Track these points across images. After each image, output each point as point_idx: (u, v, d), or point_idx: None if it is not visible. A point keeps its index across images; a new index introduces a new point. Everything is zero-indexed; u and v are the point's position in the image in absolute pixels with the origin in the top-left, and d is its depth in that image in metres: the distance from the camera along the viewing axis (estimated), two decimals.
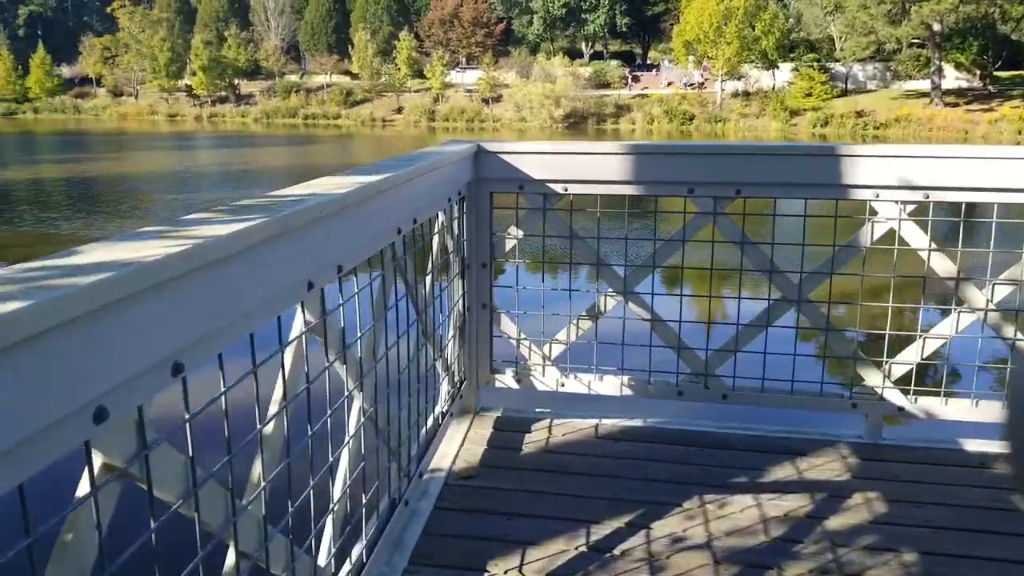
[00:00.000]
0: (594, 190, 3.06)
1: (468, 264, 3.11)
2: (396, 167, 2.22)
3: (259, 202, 1.57)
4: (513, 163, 3.04)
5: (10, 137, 50.01)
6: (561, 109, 54.11)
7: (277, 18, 78.51)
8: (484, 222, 3.13)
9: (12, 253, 13.86)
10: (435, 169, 2.53)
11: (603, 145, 3.15)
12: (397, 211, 2.22)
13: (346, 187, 1.80)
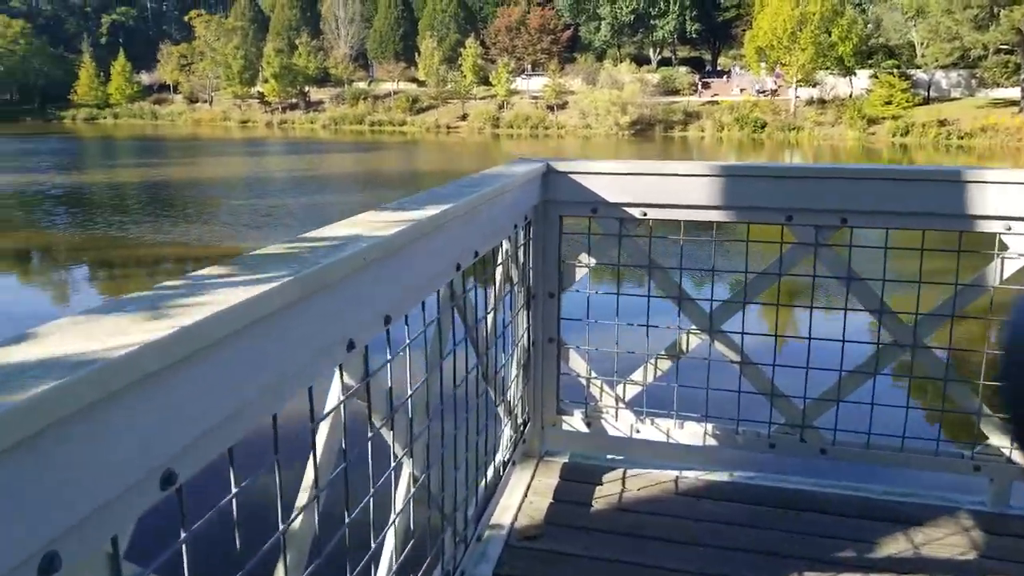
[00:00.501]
0: (677, 215, 2.79)
1: (534, 294, 2.86)
2: (457, 195, 1.98)
3: (291, 249, 1.32)
4: (586, 184, 2.79)
5: (91, 142, 51.81)
6: (627, 116, 53.48)
7: (347, 26, 79.76)
8: (552, 248, 2.87)
9: (82, 256, 14.08)
10: (500, 194, 2.29)
11: (688, 165, 2.83)
12: (456, 245, 1.98)
13: (398, 223, 1.57)
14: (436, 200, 1.87)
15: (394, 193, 22.56)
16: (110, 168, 32.18)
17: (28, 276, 13.18)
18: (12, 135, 55.89)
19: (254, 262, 1.22)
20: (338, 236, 1.43)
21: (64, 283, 12.51)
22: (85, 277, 12.95)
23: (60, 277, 13.02)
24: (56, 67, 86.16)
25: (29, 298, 11.51)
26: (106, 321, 0.91)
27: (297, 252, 1.29)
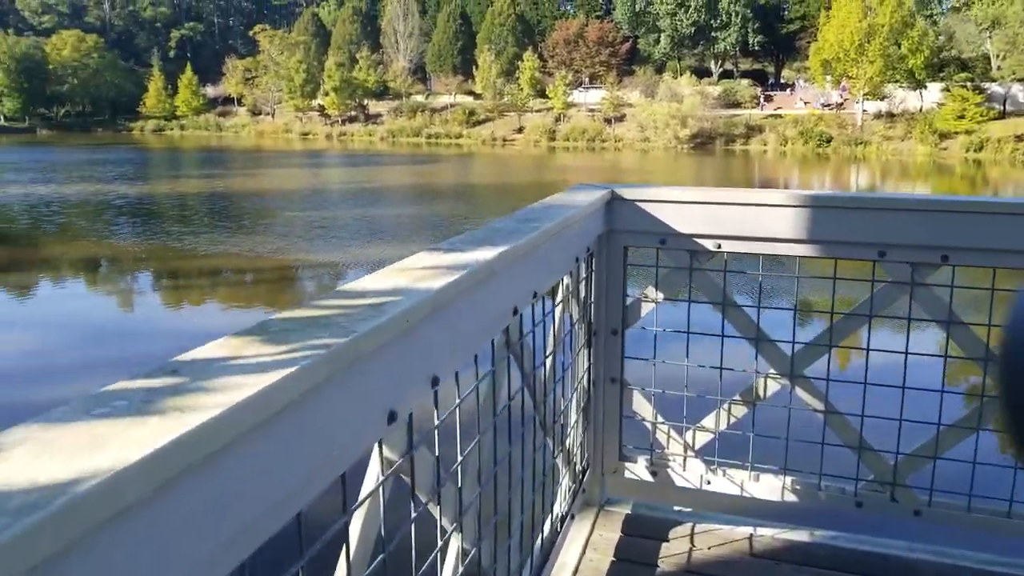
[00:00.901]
0: (755, 248, 2.59)
1: (595, 331, 2.69)
2: (516, 233, 1.76)
3: (324, 310, 1.10)
4: (654, 213, 2.60)
5: (157, 153, 53.17)
6: (687, 129, 52.66)
7: (406, 40, 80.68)
8: (616, 282, 2.70)
9: (135, 266, 14.11)
10: (563, 229, 2.08)
11: (768, 194, 2.58)
12: (515, 289, 1.79)
13: (449, 270, 1.35)
14: (492, 239, 1.65)
15: (445, 206, 22.38)
16: (173, 179, 32.78)
17: (77, 285, 13.22)
18: (84, 145, 57.71)
19: (280, 330, 1.02)
20: (380, 290, 1.22)
21: (109, 294, 12.50)
22: (133, 289, 12.92)
23: (107, 288, 13.02)
24: (127, 80, 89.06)
25: (58, 311, 11.48)
26: (74, 430, 0.71)
27: (330, 315, 1.08)
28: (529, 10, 79.86)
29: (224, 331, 0.85)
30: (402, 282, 1.25)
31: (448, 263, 1.39)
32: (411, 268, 1.35)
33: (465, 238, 1.67)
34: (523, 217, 2.02)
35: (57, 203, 22.76)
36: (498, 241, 1.63)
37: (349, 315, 1.07)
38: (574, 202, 2.35)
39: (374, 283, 1.26)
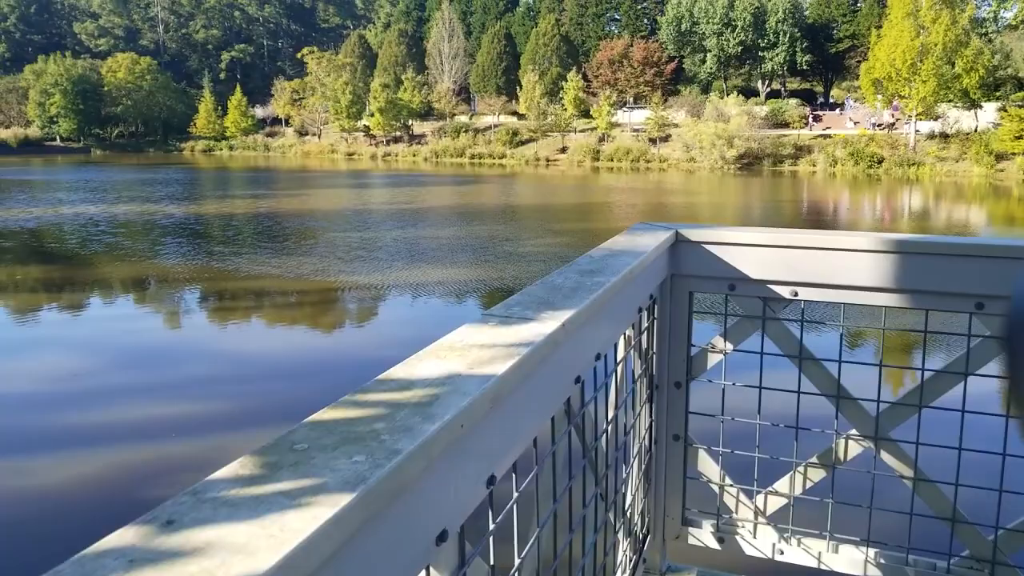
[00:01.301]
0: (835, 297, 2.34)
1: (658, 384, 2.50)
2: (578, 291, 1.55)
3: (360, 410, 0.93)
4: (722, 256, 2.40)
5: (205, 172, 54.09)
6: (734, 149, 51.94)
7: (451, 62, 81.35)
8: (681, 331, 2.50)
9: (174, 287, 14.08)
10: (627, 281, 1.85)
11: (851, 238, 2.34)
12: (577, 358, 1.55)
13: (506, 349, 1.16)
14: (553, 300, 1.46)
15: (486, 227, 22.15)
16: (219, 199, 33.16)
17: (117, 306, 13.21)
18: (135, 165, 59.02)
19: (307, 449, 0.84)
20: (429, 379, 1.03)
21: (148, 316, 12.44)
22: (171, 310, 12.86)
23: (146, 310, 12.98)
24: (178, 101, 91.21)
25: (95, 332, 11.42)
26: None
27: (369, 423, 0.89)
28: (573, 31, 79.97)
29: (258, 357, 0.80)
30: (454, 366, 1.09)
31: (506, 338, 1.21)
32: (463, 346, 1.18)
33: (522, 299, 1.47)
34: (584, 268, 1.82)
35: (105, 223, 23.07)
36: (559, 303, 1.44)
37: (392, 423, 0.89)
38: (636, 246, 2.15)
39: (422, 368, 1.09)
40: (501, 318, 1.32)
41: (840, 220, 27.34)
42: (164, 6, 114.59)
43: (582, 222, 25.47)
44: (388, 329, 11.56)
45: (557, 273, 1.72)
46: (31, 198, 31.32)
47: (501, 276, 14.83)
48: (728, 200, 34.95)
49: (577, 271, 1.78)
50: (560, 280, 1.65)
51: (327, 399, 0.74)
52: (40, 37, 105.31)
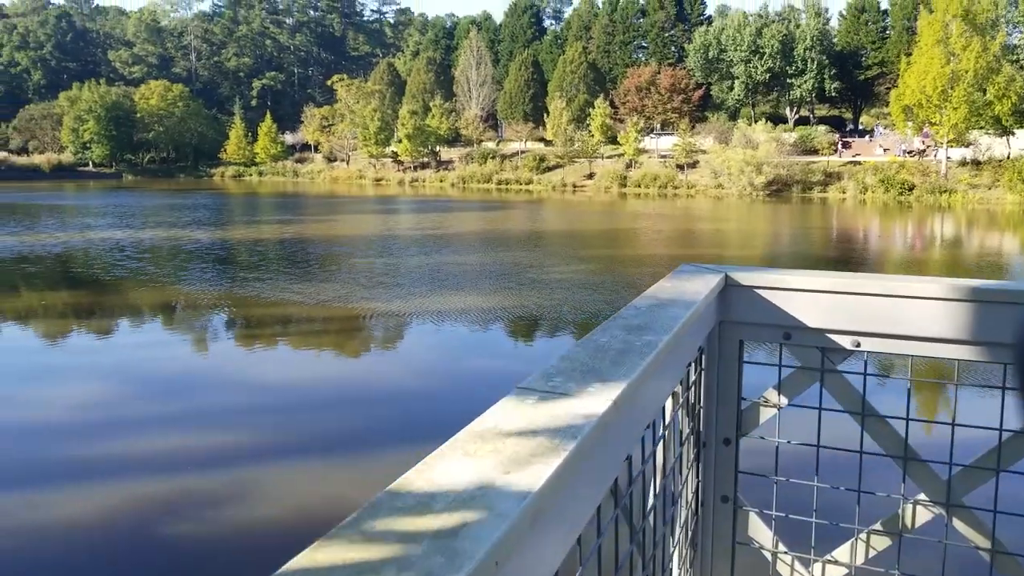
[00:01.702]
0: (903, 348, 2.09)
1: (705, 441, 2.26)
2: (626, 355, 1.34)
3: (368, 546, 0.74)
4: (777, 302, 2.18)
5: (234, 198, 54.64)
6: (763, 176, 51.53)
7: (478, 89, 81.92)
8: (730, 383, 2.25)
9: (192, 313, 13.99)
10: (677, 339, 1.60)
11: (922, 284, 2.09)
12: (627, 435, 1.33)
13: (547, 441, 0.99)
14: (599, 368, 1.23)
15: (511, 254, 21.96)
16: (246, 224, 33.34)
17: (135, 333, 13.12)
18: (165, 191, 59.80)
19: None
20: (454, 492, 0.82)
21: (166, 344, 12.32)
22: (189, 338, 12.75)
23: (164, 337, 12.87)
24: (209, 128, 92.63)
25: (113, 360, 11.30)
26: None
27: (378, 566, 0.68)
28: (600, 58, 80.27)
29: (277, 385, 0.74)
30: (487, 470, 0.87)
31: (548, 421, 1.00)
32: (497, 434, 0.95)
33: (565, 366, 1.24)
34: (631, 323, 1.61)
35: (131, 248, 23.20)
36: (607, 371, 1.22)
37: (405, 568, 0.69)
38: (684, 293, 1.93)
39: (447, 473, 0.86)
40: (541, 393, 1.12)
41: (871, 247, 26.83)
42: (197, 35, 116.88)
43: (608, 248, 25.21)
44: (409, 358, 11.34)
45: (601, 330, 1.52)
46: (60, 223, 31.69)
47: (523, 303, 14.60)
48: (757, 227, 34.53)
49: (623, 327, 1.58)
50: (605, 339, 1.44)
51: (346, 431, 0.68)
52: (75, 64, 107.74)
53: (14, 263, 20.03)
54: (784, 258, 23.37)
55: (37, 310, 14.76)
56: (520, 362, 10.94)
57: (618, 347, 1.39)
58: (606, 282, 17.18)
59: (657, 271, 18.93)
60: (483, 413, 1.03)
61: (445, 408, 8.90)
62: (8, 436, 8.09)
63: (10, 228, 28.98)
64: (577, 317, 13.48)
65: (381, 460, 7.29)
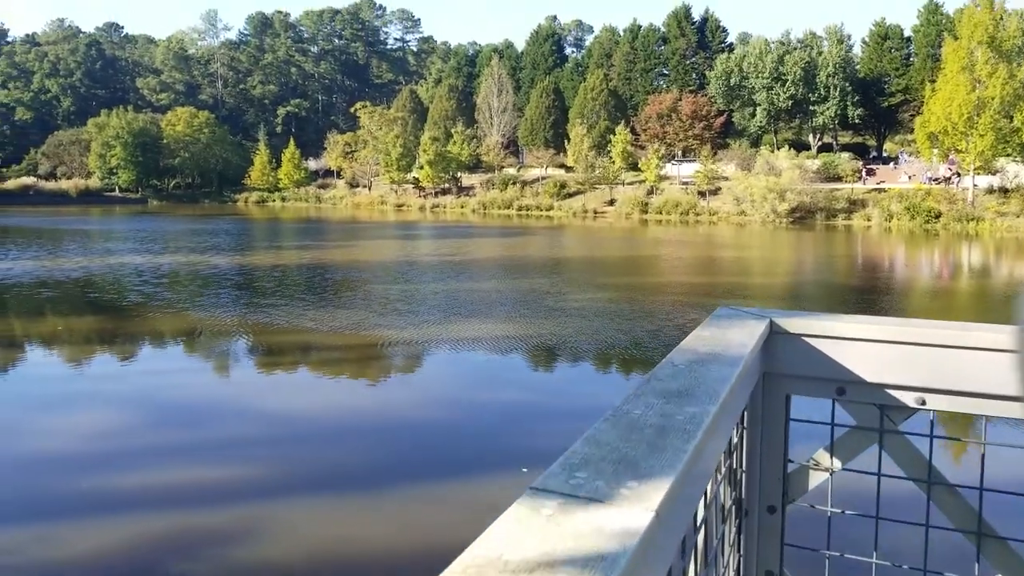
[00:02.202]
0: (975, 407, 1.79)
1: (747, 510, 1.97)
2: (667, 435, 1.11)
3: None
4: (829, 353, 1.88)
5: (256, 223, 54.93)
6: (786, 203, 51.01)
7: (500, 116, 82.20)
8: (775, 444, 1.95)
9: (201, 342, 13.81)
10: (723, 407, 1.36)
11: (995, 334, 1.76)
12: (677, 527, 1.17)
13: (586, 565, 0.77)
14: (631, 455, 1.01)
15: (529, 281, 21.69)
16: (266, 250, 33.36)
17: (144, 360, 12.95)
18: (189, 216, 60.26)
19: None
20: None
21: (172, 372, 12.12)
22: (196, 367, 12.55)
23: (170, 365, 12.69)
24: (234, 154, 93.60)
25: (121, 388, 11.11)
26: None
27: None
28: (621, 85, 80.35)
29: (289, 416, 0.69)
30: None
31: (571, 545, 0.75)
32: (505, 567, 0.70)
33: (590, 453, 1.00)
34: (669, 388, 1.32)
35: (148, 273, 23.18)
36: (643, 462, 0.99)
37: None
38: (727, 346, 1.65)
39: None
40: (562, 498, 0.86)
41: (897, 276, 26.28)
42: (224, 62, 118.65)
43: (628, 276, 24.86)
44: (424, 388, 11.06)
45: (634, 397, 1.23)
46: (81, 247, 31.88)
47: (539, 332, 14.30)
48: (780, 254, 34.04)
49: (660, 393, 1.28)
50: (639, 411, 1.16)
51: (359, 465, 0.64)
52: (104, 92, 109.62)
53: (33, 288, 20.04)
54: (808, 286, 22.90)
55: (52, 336, 14.67)
56: (536, 393, 10.65)
57: (655, 422, 1.16)
58: (623, 310, 16.83)
59: (678, 299, 18.57)
60: (484, 532, 0.79)
61: (461, 442, 8.62)
62: (18, 466, 7.93)
63: (32, 252, 29.17)
64: (592, 346, 13.16)
65: (395, 497, 7.05)
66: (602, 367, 12.13)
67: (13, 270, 23.24)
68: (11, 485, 7.45)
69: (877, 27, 70.72)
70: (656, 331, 14.48)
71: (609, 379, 11.54)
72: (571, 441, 0.95)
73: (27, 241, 34.88)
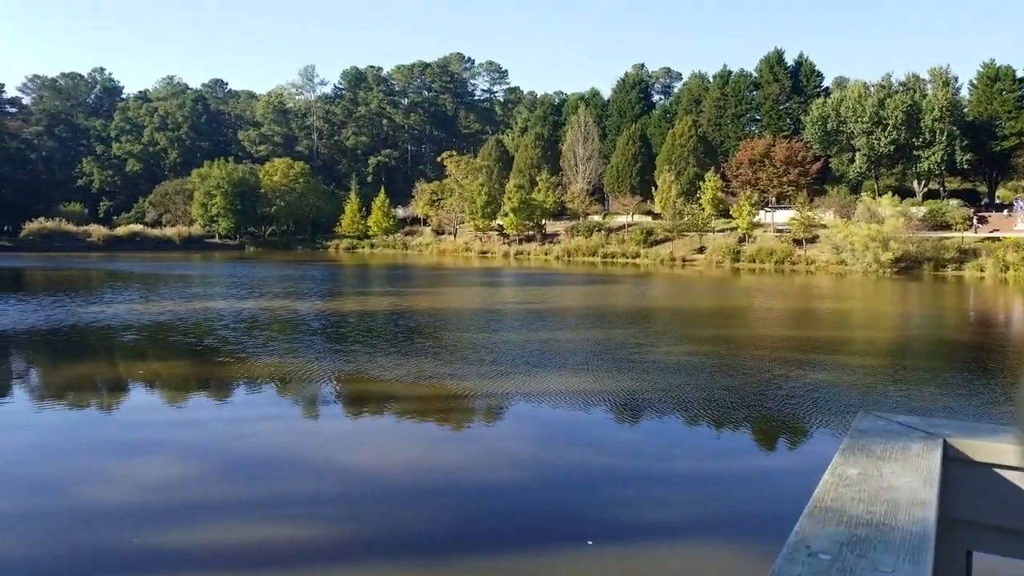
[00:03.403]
0: None
1: None
2: None
3: None
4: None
5: (345, 269, 55.59)
6: (889, 252, 48.17)
7: (585, 163, 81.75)
8: None
9: (274, 389, 13.19)
10: None
11: None
12: None
13: None
14: None
15: (618, 331, 20.51)
16: (348, 295, 33.26)
17: (212, 409, 12.39)
18: (281, 262, 61.57)
19: None
20: None
21: (243, 420, 11.46)
22: (269, 414, 11.88)
23: (245, 412, 12.05)
24: (327, 202, 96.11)
25: (188, 436, 10.48)
26: None
27: None
28: (711, 131, 78.83)
29: (363, 471, 0.69)
30: None
31: None
32: None
33: None
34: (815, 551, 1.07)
35: (229, 317, 23.09)
36: None
37: None
38: (890, 490, 1.26)
39: None
40: None
41: (1015, 331, 23.89)
42: (319, 115, 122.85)
43: (717, 328, 23.36)
44: (498, 446, 10.08)
45: (786, 561, 1.04)
46: (173, 291, 32.40)
47: (614, 388, 13.15)
48: (883, 307, 31.76)
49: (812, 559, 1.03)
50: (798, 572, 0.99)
51: (416, 530, 0.66)
52: (208, 144, 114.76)
53: (118, 331, 20.08)
54: (915, 342, 20.93)
55: (122, 379, 14.36)
56: (601, 455, 9.53)
57: None
58: (705, 365, 15.47)
59: (769, 354, 17.06)
60: None
61: (523, 508, 7.63)
62: (72, 516, 7.38)
63: (126, 296, 29.75)
64: (668, 405, 11.92)
65: (457, 570, 6.33)
66: (676, 428, 10.89)
67: (104, 313, 23.53)
68: (59, 536, 6.91)
69: (987, 68, 67.26)
70: (738, 388, 13.11)
71: (683, 441, 10.30)
72: (640, 511, 0.86)
73: (126, 285, 35.84)
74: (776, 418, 11.32)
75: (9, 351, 17.59)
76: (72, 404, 12.60)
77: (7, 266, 51.94)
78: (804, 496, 1.16)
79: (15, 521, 7.34)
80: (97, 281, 39.30)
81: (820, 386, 13.40)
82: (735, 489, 8.44)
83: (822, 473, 1.21)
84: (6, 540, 6.90)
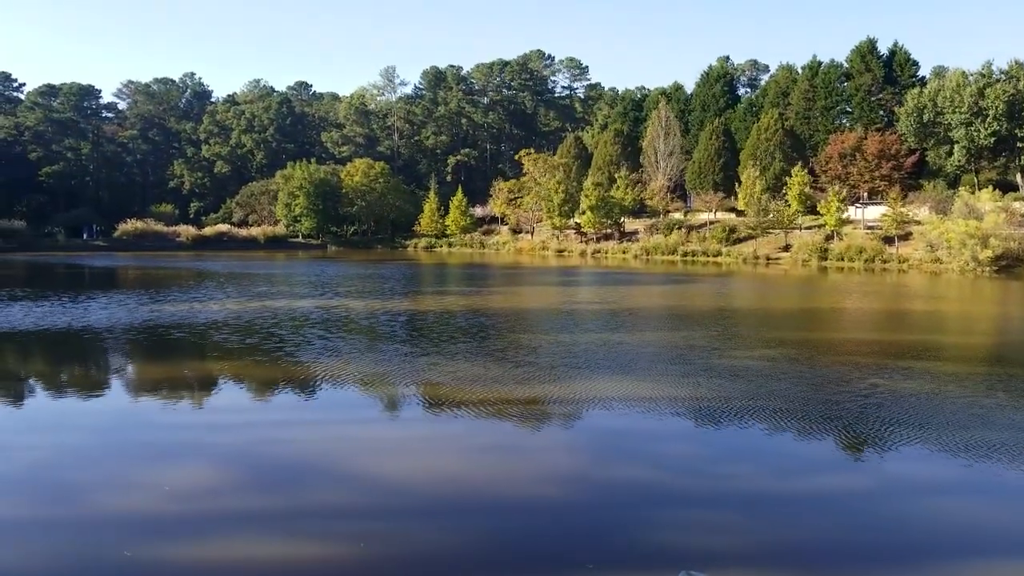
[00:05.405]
0: None
1: None
2: None
3: None
4: None
5: (422, 267, 55.84)
6: (989, 250, 45.26)
7: (666, 159, 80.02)
8: None
9: (332, 393, 12.93)
10: None
11: None
12: None
13: None
14: None
15: (700, 332, 19.62)
16: (421, 295, 33.14)
17: (252, 412, 12.18)
18: (360, 261, 62.31)
19: None
20: None
21: (283, 424, 11.19)
22: (310, 419, 11.59)
23: (286, 416, 11.80)
24: (407, 202, 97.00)
25: (228, 441, 10.24)
26: None
27: None
28: (799, 124, 76.03)
29: (405, 485, 0.68)
30: None
31: None
32: None
33: None
34: None
35: (284, 315, 23.16)
36: None
37: None
38: None
39: None
40: None
41: None
42: (400, 116, 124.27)
43: (801, 330, 22.13)
44: (541, 457, 9.48)
45: None
46: (239, 290, 32.83)
47: (688, 395, 12.38)
48: (982, 308, 29.72)
49: None
50: None
51: (460, 553, 0.63)
52: (293, 145, 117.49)
53: (167, 329, 20.26)
54: (1019, 347, 19.33)
55: (160, 381, 14.31)
56: (683, 475, 8.81)
57: None
58: (789, 371, 14.46)
59: (859, 360, 15.91)
60: None
61: (579, 531, 7.01)
62: (98, 528, 7.17)
63: (192, 294, 30.18)
64: (746, 416, 11.08)
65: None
66: (752, 443, 10.04)
67: (159, 312, 23.67)
68: (69, 547, 6.71)
69: None
70: (828, 400, 12.13)
71: (758, 459, 9.44)
72: (720, 536, 0.84)
73: (196, 284, 36.50)
74: (857, 433, 10.34)
75: (90, 349, 17.91)
76: (121, 405, 12.59)
77: (101, 265, 54.14)
78: (882, 524, 1.02)
79: (26, 530, 7.17)
80: (185, 279, 40.27)
81: (909, 396, 12.32)
82: (802, 513, 7.64)
83: (905, 498, 1.04)
84: (18, 549, 6.72)
